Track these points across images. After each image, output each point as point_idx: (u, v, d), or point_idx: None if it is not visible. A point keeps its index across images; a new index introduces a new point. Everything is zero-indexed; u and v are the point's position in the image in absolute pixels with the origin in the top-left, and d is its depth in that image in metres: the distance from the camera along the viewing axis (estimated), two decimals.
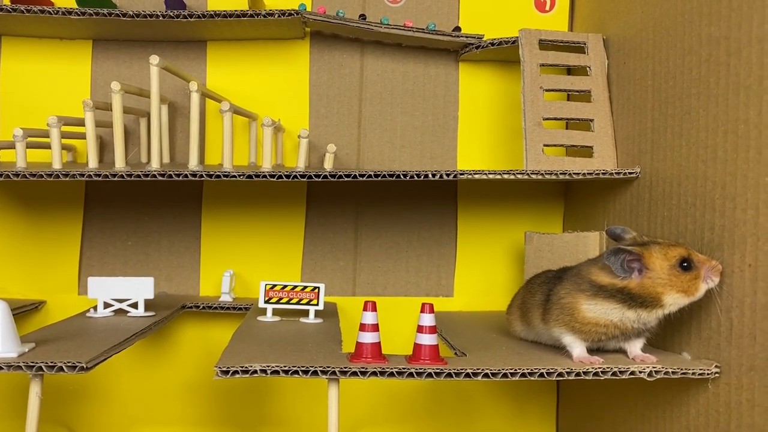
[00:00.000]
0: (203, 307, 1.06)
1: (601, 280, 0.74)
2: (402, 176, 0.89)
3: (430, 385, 1.14)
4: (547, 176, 0.90)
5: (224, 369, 0.68)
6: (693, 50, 0.76)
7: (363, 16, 1.08)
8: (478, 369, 0.70)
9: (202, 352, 1.12)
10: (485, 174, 0.90)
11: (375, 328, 0.72)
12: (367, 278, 1.15)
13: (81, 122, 0.91)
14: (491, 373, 0.70)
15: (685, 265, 0.71)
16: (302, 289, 0.95)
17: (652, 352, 0.78)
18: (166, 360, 1.13)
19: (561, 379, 0.71)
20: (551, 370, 0.70)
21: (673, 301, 0.72)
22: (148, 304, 0.96)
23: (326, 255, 1.15)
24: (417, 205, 1.16)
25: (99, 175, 0.87)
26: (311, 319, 0.95)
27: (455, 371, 0.69)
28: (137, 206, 1.13)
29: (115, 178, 0.87)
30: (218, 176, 0.88)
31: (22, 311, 1.03)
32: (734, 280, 0.68)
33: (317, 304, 0.95)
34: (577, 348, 0.75)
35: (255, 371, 0.68)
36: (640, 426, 0.85)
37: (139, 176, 0.87)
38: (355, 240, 1.15)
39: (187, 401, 1.13)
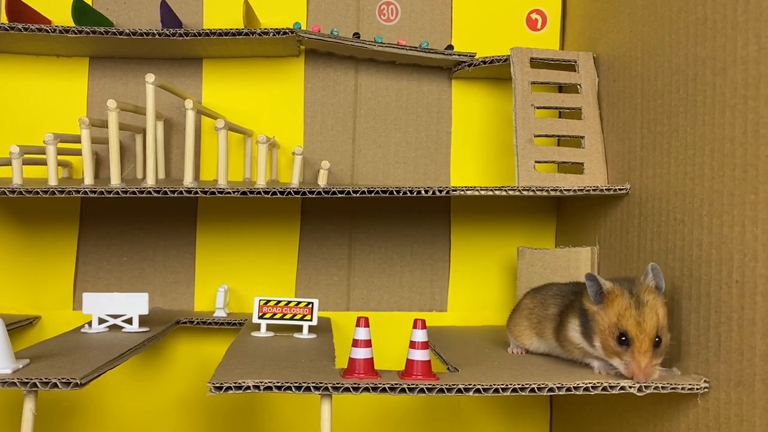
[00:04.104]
0: (197, 323, 1.06)
1: (584, 303, 0.77)
2: (395, 192, 0.90)
3: (423, 400, 1.14)
4: (538, 192, 0.91)
5: (218, 385, 0.69)
6: (680, 70, 0.78)
7: (357, 35, 1.09)
8: (470, 384, 0.70)
9: (196, 368, 1.12)
10: (477, 190, 0.91)
11: (368, 344, 0.73)
12: (361, 293, 1.16)
13: (77, 139, 0.91)
14: (483, 389, 0.70)
15: (623, 339, 0.71)
16: (296, 305, 0.95)
17: None
18: (160, 375, 1.13)
19: (552, 394, 0.71)
20: (542, 386, 0.71)
21: (599, 352, 0.74)
22: (143, 320, 0.96)
23: (320, 270, 1.16)
24: (411, 220, 1.17)
25: (95, 192, 0.87)
26: (305, 334, 0.95)
27: (447, 387, 0.70)
28: (132, 222, 1.14)
29: (111, 195, 0.88)
30: (213, 193, 0.89)
31: (16, 327, 1.04)
32: (722, 296, 0.69)
33: (311, 320, 0.95)
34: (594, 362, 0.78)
35: (248, 387, 0.69)
36: None
37: (134, 193, 0.88)
38: (349, 255, 1.16)
39: (181, 417, 1.13)
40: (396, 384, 0.70)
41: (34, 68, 1.12)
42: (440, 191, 0.90)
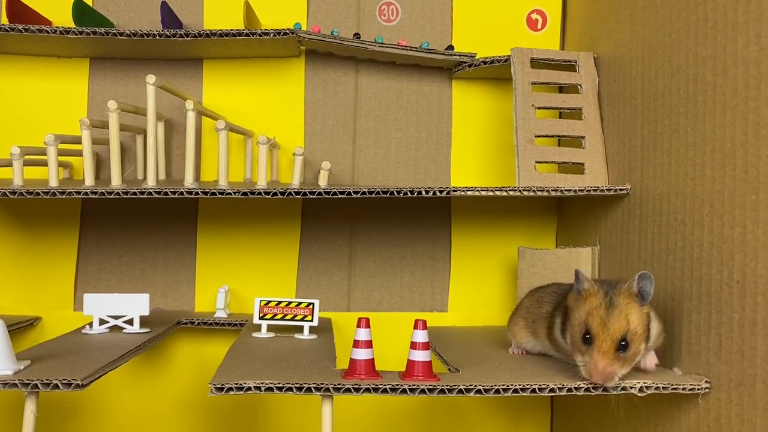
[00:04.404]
0: (198, 323, 1.06)
1: (568, 299, 0.77)
2: (396, 193, 0.90)
3: (424, 400, 1.14)
4: (538, 193, 0.91)
5: (219, 386, 0.69)
6: (681, 70, 0.78)
7: (357, 35, 1.09)
8: (470, 385, 0.70)
9: (197, 369, 1.12)
10: (478, 191, 0.91)
11: (368, 344, 0.73)
12: (362, 294, 1.16)
13: (78, 140, 0.91)
14: (484, 390, 0.70)
15: (587, 337, 0.70)
16: (297, 305, 0.95)
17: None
18: (161, 376, 1.13)
19: (553, 394, 0.71)
20: (543, 386, 0.71)
21: (568, 345, 0.74)
22: (144, 321, 0.96)
23: (321, 271, 1.16)
24: (411, 220, 1.17)
25: (95, 193, 0.87)
26: (306, 335, 0.95)
27: (448, 387, 0.70)
28: (133, 223, 1.14)
29: (111, 196, 0.88)
30: (213, 194, 0.89)
31: (17, 327, 1.04)
32: (723, 297, 0.69)
33: (312, 320, 0.95)
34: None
35: (249, 388, 0.69)
36: None
37: (135, 194, 0.88)
38: (350, 256, 1.16)
39: (182, 417, 1.13)
40: (397, 385, 0.70)
41: (34, 69, 1.12)
42: (441, 192, 0.90)
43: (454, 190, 0.90)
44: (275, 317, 0.95)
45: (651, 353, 0.76)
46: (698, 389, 0.71)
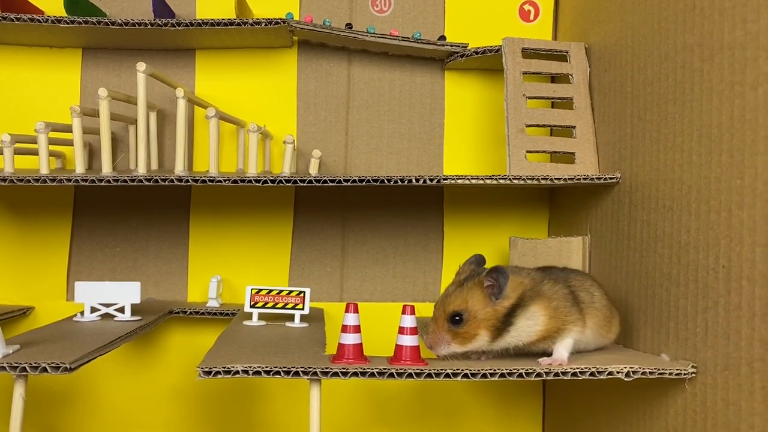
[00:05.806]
0: (190, 313, 1.06)
1: None
2: (386, 181, 0.90)
3: (415, 387, 1.14)
4: (528, 181, 0.92)
5: (207, 369, 0.69)
6: (669, 57, 0.78)
7: (349, 25, 1.09)
8: (458, 370, 0.70)
9: (189, 358, 1.12)
10: (468, 179, 0.91)
11: (356, 329, 0.73)
12: (354, 284, 1.16)
13: (69, 129, 0.92)
14: (471, 374, 0.70)
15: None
16: (288, 294, 0.95)
17: (633, 356, 0.79)
18: (153, 365, 1.13)
19: (540, 379, 0.72)
20: (530, 371, 0.71)
21: None
22: (135, 309, 0.96)
23: (313, 261, 1.16)
24: (404, 211, 1.17)
25: (86, 180, 0.88)
26: (297, 323, 0.95)
27: (435, 372, 0.70)
28: (126, 213, 1.14)
29: (102, 183, 0.88)
30: (204, 181, 0.89)
31: (9, 317, 1.04)
32: (709, 281, 0.69)
33: (303, 309, 0.95)
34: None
35: (237, 372, 0.69)
36: (622, 427, 0.86)
37: (125, 181, 0.88)
38: (343, 246, 1.16)
39: (174, 406, 1.13)
40: (384, 369, 0.70)
41: (27, 59, 1.12)
42: (431, 180, 0.90)
43: (444, 179, 0.91)
44: (266, 305, 0.95)
45: (557, 348, 0.75)
46: (685, 374, 0.71)
